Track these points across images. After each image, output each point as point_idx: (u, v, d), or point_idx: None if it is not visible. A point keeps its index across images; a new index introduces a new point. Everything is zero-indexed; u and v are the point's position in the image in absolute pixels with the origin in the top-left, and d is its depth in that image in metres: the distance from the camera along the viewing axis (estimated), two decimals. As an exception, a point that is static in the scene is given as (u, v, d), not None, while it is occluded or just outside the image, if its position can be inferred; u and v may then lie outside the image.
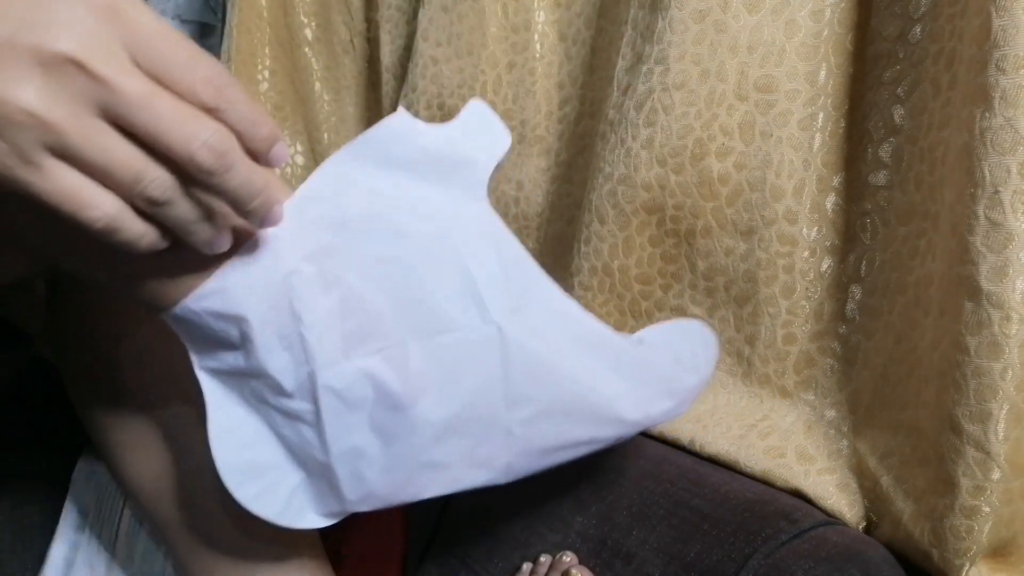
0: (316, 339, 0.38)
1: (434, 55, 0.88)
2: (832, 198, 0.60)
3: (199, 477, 0.49)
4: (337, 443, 0.40)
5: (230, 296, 0.36)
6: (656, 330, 0.48)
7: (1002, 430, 0.45)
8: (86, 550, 0.63)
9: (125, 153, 0.29)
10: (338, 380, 0.38)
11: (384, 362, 0.39)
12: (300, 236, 0.37)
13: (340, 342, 0.38)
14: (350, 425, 0.40)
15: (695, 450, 0.64)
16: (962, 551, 0.47)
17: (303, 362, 0.38)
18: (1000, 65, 0.44)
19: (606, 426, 0.44)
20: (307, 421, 0.40)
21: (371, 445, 0.40)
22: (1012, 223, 0.44)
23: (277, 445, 0.41)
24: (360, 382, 0.39)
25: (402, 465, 0.41)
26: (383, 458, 0.41)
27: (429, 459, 0.41)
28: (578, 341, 0.42)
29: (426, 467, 0.42)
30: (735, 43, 0.62)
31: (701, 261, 0.67)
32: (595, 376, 0.43)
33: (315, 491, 0.43)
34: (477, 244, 0.40)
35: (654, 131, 0.65)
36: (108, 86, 0.28)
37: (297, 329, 0.37)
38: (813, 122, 0.60)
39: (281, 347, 0.38)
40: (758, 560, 0.51)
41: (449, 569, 0.66)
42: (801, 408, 0.62)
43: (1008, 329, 0.44)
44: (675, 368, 0.47)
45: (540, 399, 0.41)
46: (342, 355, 0.38)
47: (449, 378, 0.40)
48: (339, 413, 0.39)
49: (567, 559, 0.57)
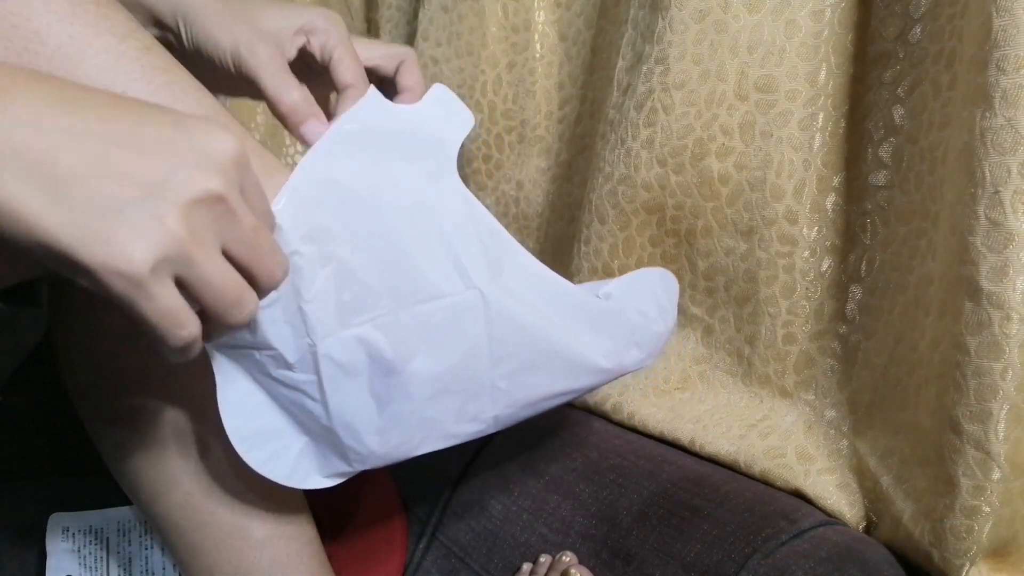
0: (315, 313, 0.40)
1: (434, 55, 0.88)
2: (832, 198, 0.60)
3: (200, 477, 0.49)
4: (338, 408, 0.42)
5: None
6: (621, 283, 0.51)
7: (1002, 430, 0.45)
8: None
9: (234, 280, 0.33)
10: (336, 350, 0.41)
11: (377, 330, 0.41)
12: (298, 218, 0.39)
13: (336, 314, 0.40)
14: (349, 391, 0.42)
15: (695, 450, 0.64)
16: (962, 551, 0.47)
17: (304, 335, 0.40)
18: (1000, 65, 0.44)
19: (582, 376, 0.48)
20: (309, 390, 0.42)
21: (369, 408, 0.43)
22: (1012, 223, 0.44)
23: (282, 414, 0.44)
24: (356, 350, 0.41)
25: (398, 425, 0.44)
26: (380, 420, 0.43)
27: (423, 417, 0.44)
28: (553, 300, 0.46)
29: (420, 425, 0.44)
30: (735, 43, 0.62)
31: (701, 261, 0.67)
32: (570, 332, 0.46)
33: (319, 454, 0.45)
34: (455, 216, 0.43)
35: (654, 131, 0.65)
36: (238, 221, 0.32)
37: (297, 304, 0.40)
38: (813, 122, 0.60)
39: (283, 321, 0.40)
40: (758, 560, 0.51)
41: (449, 569, 0.66)
42: (801, 408, 0.62)
43: (1008, 329, 0.44)
44: (641, 319, 0.50)
45: (521, 355, 0.45)
46: (339, 326, 0.41)
47: (437, 342, 0.43)
48: (338, 380, 0.42)
49: (567, 559, 0.57)
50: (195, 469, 0.49)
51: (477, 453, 0.70)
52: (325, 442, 0.45)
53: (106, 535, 0.64)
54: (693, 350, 0.69)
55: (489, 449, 0.70)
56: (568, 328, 0.46)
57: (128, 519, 0.65)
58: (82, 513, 0.65)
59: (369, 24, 1.09)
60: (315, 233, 0.40)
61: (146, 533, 0.65)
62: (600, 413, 0.72)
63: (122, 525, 0.65)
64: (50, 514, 0.65)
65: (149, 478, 0.50)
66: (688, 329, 0.69)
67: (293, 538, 0.52)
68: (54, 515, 0.65)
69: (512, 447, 0.69)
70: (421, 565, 0.68)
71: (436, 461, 0.72)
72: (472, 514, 0.67)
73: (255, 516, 0.50)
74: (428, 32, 0.89)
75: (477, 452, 0.70)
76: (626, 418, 0.69)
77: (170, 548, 0.52)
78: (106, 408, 0.51)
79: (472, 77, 0.86)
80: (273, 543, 0.51)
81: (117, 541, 0.64)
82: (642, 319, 0.50)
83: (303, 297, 0.40)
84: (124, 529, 0.65)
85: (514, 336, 0.44)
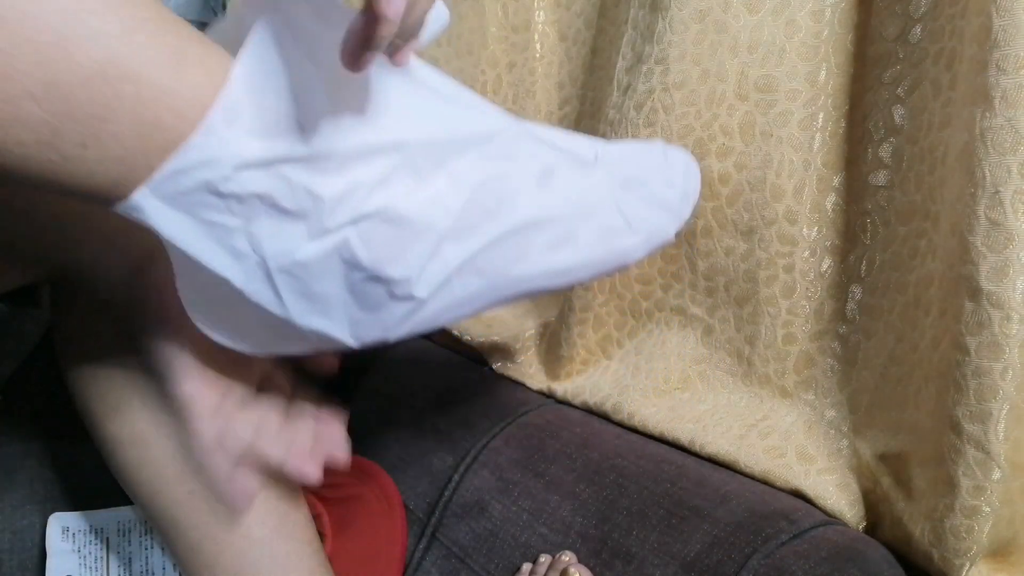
0: (260, 231, 0.37)
1: (434, 55, 0.88)
2: (832, 198, 0.60)
3: (200, 475, 0.49)
4: (299, 312, 0.40)
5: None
6: (631, 150, 0.48)
7: (1002, 430, 0.45)
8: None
9: None
10: (299, 258, 0.38)
11: (357, 236, 0.39)
12: (239, 130, 0.35)
13: (287, 226, 0.37)
14: (321, 283, 0.40)
15: (695, 450, 0.64)
16: (962, 551, 0.47)
17: (251, 254, 0.38)
18: (1000, 65, 0.44)
19: (565, 252, 0.45)
20: (265, 302, 0.40)
21: (344, 301, 0.41)
22: (1012, 223, 0.44)
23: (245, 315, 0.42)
24: (331, 256, 0.39)
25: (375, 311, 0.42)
26: (357, 311, 0.41)
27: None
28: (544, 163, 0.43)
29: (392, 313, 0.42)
30: (735, 43, 0.62)
31: (701, 261, 0.67)
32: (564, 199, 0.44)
33: (284, 338, 0.43)
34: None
35: (654, 131, 0.65)
36: None
37: (245, 228, 0.37)
38: (813, 122, 0.60)
39: (219, 253, 0.38)
40: (758, 560, 0.51)
41: (449, 569, 0.66)
42: (801, 408, 0.62)
43: (1008, 329, 0.44)
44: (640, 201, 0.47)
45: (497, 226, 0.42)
46: (301, 244, 0.38)
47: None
48: (303, 285, 0.39)
49: (566, 558, 0.57)
50: (196, 467, 0.50)
51: (477, 453, 0.70)
52: (288, 331, 0.42)
53: (106, 535, 0.64)
54: (693, 350, 0.69)
55: (489, 449, 0.70)
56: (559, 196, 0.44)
57: (128, 519, 0.65)
58: (82, 513, 0.65)
59: (369, 24, 1.08)
60: (260, 149, 0.36)
61: (146, 533, 0.65)
62: (600, 413, 0.72)
63: (122, 525, 0.65)
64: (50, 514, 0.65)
65: (150, 476, 0.50)
66: (688, 329, 0.69)
67: (293, 537, 0.52)
68: (54, 515, 0.65)
69: (512, 447, 0.69)
70: (421, 565, 0.68)
71: (436, 461, 0.73)
72: (472, 514, 0.67)
73: (255, 515, 0.51)
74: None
75: (477, 452, 0.70)
76: (626, 418, 0.69)
77: (170, 547, 0.52)
78: (107, 407, 0.51)
79: (472, 77, 0.86)
80: (273, 542, 0.51)
81: (117, 541, 0.64)
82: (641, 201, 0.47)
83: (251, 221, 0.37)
84: (124, 529, 0.65)
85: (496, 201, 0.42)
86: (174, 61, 0.33)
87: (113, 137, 0.32)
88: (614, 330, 0.74)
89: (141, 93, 0.32)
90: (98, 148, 0.32)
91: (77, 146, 0.32)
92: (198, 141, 0.33)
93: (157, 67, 0.32)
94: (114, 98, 0.32)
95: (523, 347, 0.82)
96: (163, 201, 0.35)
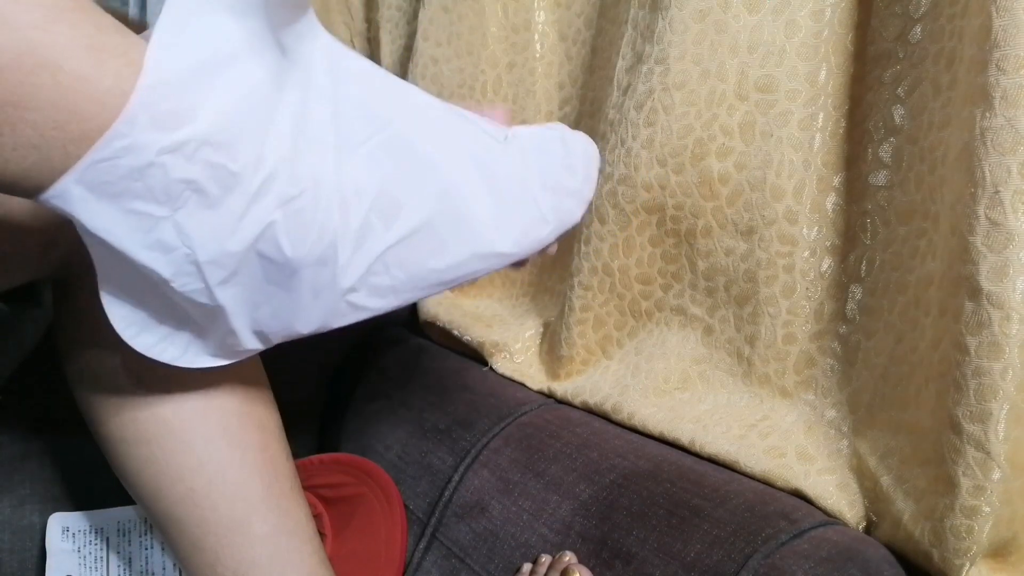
0: (188, 222, 0.37)
1: (434, 55, 0.88)
2: (832, 198, 0.60)
3: (202, 473, 0.49)
4: (230, 301, 0.40)
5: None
6: (532, 140, 0.48)
7: (1002, 430, 0.45)
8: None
9: None
10: (224, 252, 0.38)
11: (270, 227, 0.38)
12: (160, 115, 0.35)
13: (213, 217, 0.37)
14: (243, 286, 0.40)
15: (695, 450, 0.64)
16: (962, 551, 0.47)
17: (178, 246, 0.37)
18: (1000, 65, 0.44)
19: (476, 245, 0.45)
20: (196, 297, 0.39)
21: (268, 294, 0.41)
22: (1012, 223, 0.44)
23: (165, 308, 0.42)
24: (248, 249, 0.38)
25: (296, 304, 0.42)
26: (281, 302, 0.41)
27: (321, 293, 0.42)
28: (464, 151, 0.44)
29: (320, 304, 0.42)
30: (735, 43, 0.62)
31: (701, 261, 0.67)
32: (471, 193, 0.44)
33: (209, 338, 0.43)
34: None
35: (654, 131, 0.65)
36: None
37: (171, 215, 0.36)
38: (813, 122, 0.60)
39: (146, 245, 0.37)
40: (758, 560, 0.51)
41: (449, 569, 0.66)
42: (801, 408, 0.62)
43: (1008, 329, 0.44)
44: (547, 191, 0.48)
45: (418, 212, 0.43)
46: (229, 232, 0.38)
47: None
48: (228, 280, 0.39)
49: (567, 558, 0.57)
50: (197, 465, 0.50)
51: (477, 453, 0.70)
52: (214, 328, 0.42)
53: (106, 535, 0.64)
54: (693, 350, 0.69)
55: (489, 449, 0.70)
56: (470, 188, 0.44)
57: (128, 519, 0.65)
58: (82, 513, 0.65)
59: (369, 24, 1.09)
60: (176, 138, 0.35)
61: (146, 532, 0.65)
62: (600, 413, 0.72)
63: (122, 525, 0.65)
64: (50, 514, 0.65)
65: (151, 474, 0.50)
66: (688, 329, 0.69)
67: (293, 535, 0.52)
68: (54, 515, 0.65)
69: (512, 447, 0.69)
70: (421, 565, 0.68)
71: (436, 461, 0.73)
72: (472, 514, 0.67)
73: (256, 512, 0.51)
74: (428, 32, 0.89)
75: (477, 452, 0.70)
76: (626, 418, 0.69)
77: (171, 545, 0.52)
78: (108, 406, 0.51)
79: (472, 77, 0.86)
80: (274, 539, 0.51)
81: (117, 541, 0.64)
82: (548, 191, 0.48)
83: (176, 208, 0.36)
84: (124, 529, 0.65)
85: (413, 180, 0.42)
86: (93, 51, 0.33)
87: (30, 125, 0.32)
88: (614, 330, 0.74)
89: (59, 82, 0.32)
90: (12, 136, 0.32)
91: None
92: (121, 128, 0.33)
93: (75, 56, 0.32)
94: (31, 86, 0.32)
95: (523, 347, 0.82)
96: (88, 190, 0.35)
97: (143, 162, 0.34)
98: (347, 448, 0.82)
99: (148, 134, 0.34)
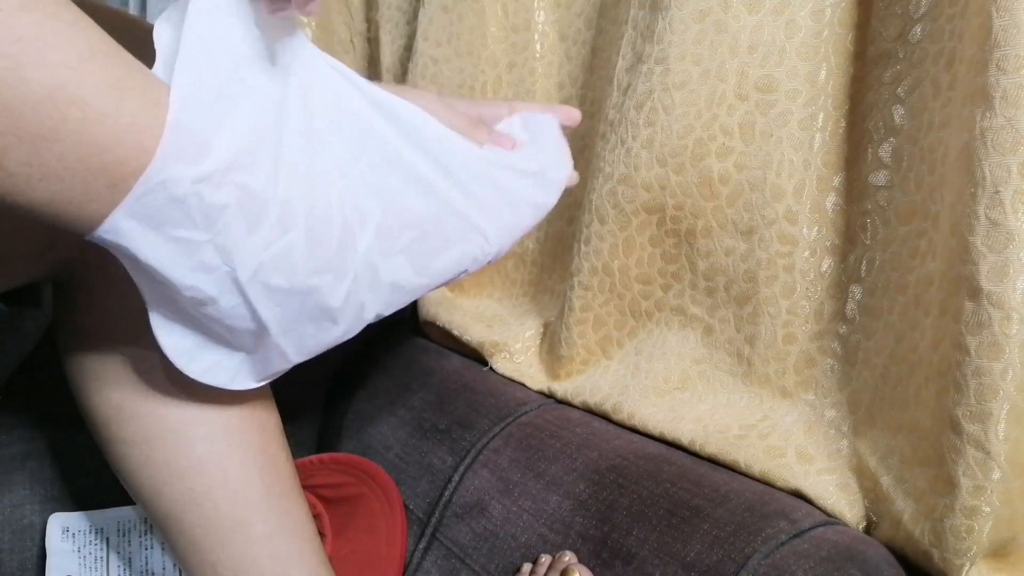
0: (225, 242, 0.39)
1: (434, 55, 0.88)
2: (832, 198, 0.60)
3: (202, 473, 0.50)
4: (271, 317, 0.42)
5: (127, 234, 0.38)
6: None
7: (1002, 430, 0.45)
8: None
9: None
10: (258, 272, 0.40)
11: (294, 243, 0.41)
12: (189, 148, 0.38)
13: (247, 236, 0.40)
14: (279, 302, 0.42)
15: (695, 450, 0.64)
16: (962, 551, 0.47)
17: (219, 264, 0.40)
18: (1001, 65, 0.44)
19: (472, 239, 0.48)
20: (237, 312, 0.42)
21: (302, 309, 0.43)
22: (1012, 223, 0.44)
23: (212, 336, 0.44)
24: (278, 266, 0.41)
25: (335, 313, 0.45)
26: (319, 313, 0.44)
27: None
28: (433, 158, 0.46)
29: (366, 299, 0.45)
30: (735, 43, 0.62)
31: (701, 261, 0.67)
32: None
33: (257, 362, 0.46)
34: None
35: (654, 131, 0.65)
36: None
37: (211, 239, 0.39)
38: (813, 122, 0.60)
39: (191, 268, 0.39)
40: (758, 560, 0.51)
41: (449, 569, 0.66)
42: (801, 408, 0.62)
43: (1008, 329, 0.44)
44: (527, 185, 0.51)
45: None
46: (257, 248, 0.40)
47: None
48: (267, 296, 0.41)
49: (567, 558, 0.57)
50: (197, 465, 0.50)
51: (477, 453, 0.70)
52: (260, 350, 0.45)
53: (106, 535, 0.64)
54: (693, 350, 0.69)
55: (489, 449, 0.70)
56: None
57: (128, 519, 0.65)
58: (82, 513, 0.65)
59: (369, 24, 1.09)
60: (207, 166, 0.38)
61: (146, 533, 0.65)
62: (600, 413, 0.72)
63: (122, 525, 0.65)
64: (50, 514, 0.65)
65: (151, 474, 0.50)
66: (688, 329, 0.69)
67: (294, 535, 0.52)
68: (54, 515, 0.65)
69: (512, 447, 0.69)
70: (421, 565, 0.68)
71: (436, 461, 0.73)
72: (472, 514, 0.67)
73: (257, 512, 0.51)
74: (428, 32, 0.89)
75: (477, 452, 0.70)
76: (626, 418, 0.69)
77: (171, 544, 0.52)
78: (109, 406, 0.51)
79: (472, 77, 0.86)
80: (274, 539, 0.51)
81: (117, 541, 0.64)
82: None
83: (216, 231, 0.39)
84: (124, 529, 0.65)
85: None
86: (117, 89, 0.35)
87: (56, 157, 0.34)
88: (614, 330, 0.74)
89: (86, 117, 0.34)
90: (41, 167, 0.34)
91: (22, 164, 0.34)
92: (158, 164, 0.36)
93: (101, 94, 0.35)
94: (60, 121, 0.34)
95: (523, 347, 0.82)
96: (138, 222, 0.37)
97: (181, 192, 0.37)
98: (347, 448, 0.82)
99: (179, 167, 0.36)
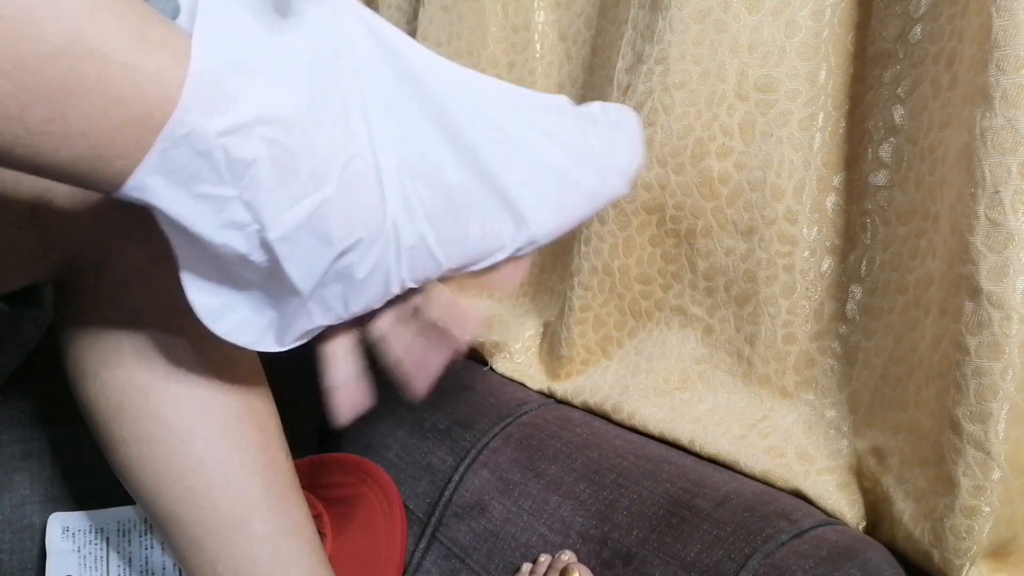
0: (255, 200, 0.38)
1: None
2: (832, 198, 0.60)
3: (202, 472, 0.50)
4: (300, 275, 0.41)
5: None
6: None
7: (1002, 430, 0.45)
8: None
9: None
10: (284, 230, 0.39)
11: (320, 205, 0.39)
12: (214, 99, 0.36)
13: (277, 193, 0.38)
14: (307, 259, 0.40)
15: (695, 450, 0.64)
16: (962, 551, 0.47)
17: (248, 222, 0.38)
18: (1000, 65, 0.44)
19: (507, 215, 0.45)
20: (264, 267, 0.40)
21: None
22: (1012, 223, 0.44)
23: (243, 291, 0.43)
24: (303, 229, 0.39)
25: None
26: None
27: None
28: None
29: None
30: (735, 43, 0.62)
31: (701, 261, 0.67)
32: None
33: (285, 322, 0.44)
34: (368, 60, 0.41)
35: (654, 131, 0.65)
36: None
37: (239, 195, 0.37)
38: (813, 122, 0.60)
39: (220, 225, 0.38)
40: (758, 560, 0.51)
41: (449, 569, 0.66)
42: (801, 408, 0.62)
43: (1008, 329, 0.44)
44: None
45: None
46: (285, 205, 0.38)
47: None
48: (295, 254, 0.40)
49: (566, 557, 0.57)
50: (197, 464, 0.50)
51: (477, 453, 0.70)
52: (286, 308, 0.43)
53: (106, 535, 0.64)
54: (693, 350, 0.69)
55: (489, 449, 0.70)
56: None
57: (128, 518, 0.65)
58: (82, 513, 0.65)
59: (369, 24, 1.08)
60: (233, 119, 0.36)
61: (146, 532, 0.65)
62: (600, 413, 0.72)
63: (122, 525, 0.65)
64: (50, 514, 0.65)
65: (151, 474, 0.50)
66: (688, 329, 0.69)
67: (294, 534, 0.52)
68: (54, 515, 0.65)
69: (512, 447, 0.69)
70: (421, 565, 0.68)
71: (436, 461, 0.73)
72: (472, 514, 0.67)
73: (257, 512, 0.51)
74: (428, 32, 0.89)
75: (477, 452, 0.70)
76: (626, 418, 0.69)
77: (171, 544, 0.52)
78: (109, 406, 0.51)
79: (472, 77, 0.86)
80: (274, 539, 0.51)
81: (117, 541, 0.64)
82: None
83: (244, 186, 0.37)
84: (124, 529, 0.65)
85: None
86: (138, 40, 0.34)
87: (78, 113, 0.33)
88: (614, 330, 0.74)
89: (105, 70, 0.33)
90: (63, 123, 0.33)
91: (44, 121, 0.32)
92: (180, 116, 0.34)
93: (121, 46, 0.33)
94: (80, 74, 0.32)
95: (523, 347, 0.82)
96: (164, 178, 0.36)
97: (206, 146, 0.35)
98: (347, 448, 0.82)
99: (204, 119, 0.35)
